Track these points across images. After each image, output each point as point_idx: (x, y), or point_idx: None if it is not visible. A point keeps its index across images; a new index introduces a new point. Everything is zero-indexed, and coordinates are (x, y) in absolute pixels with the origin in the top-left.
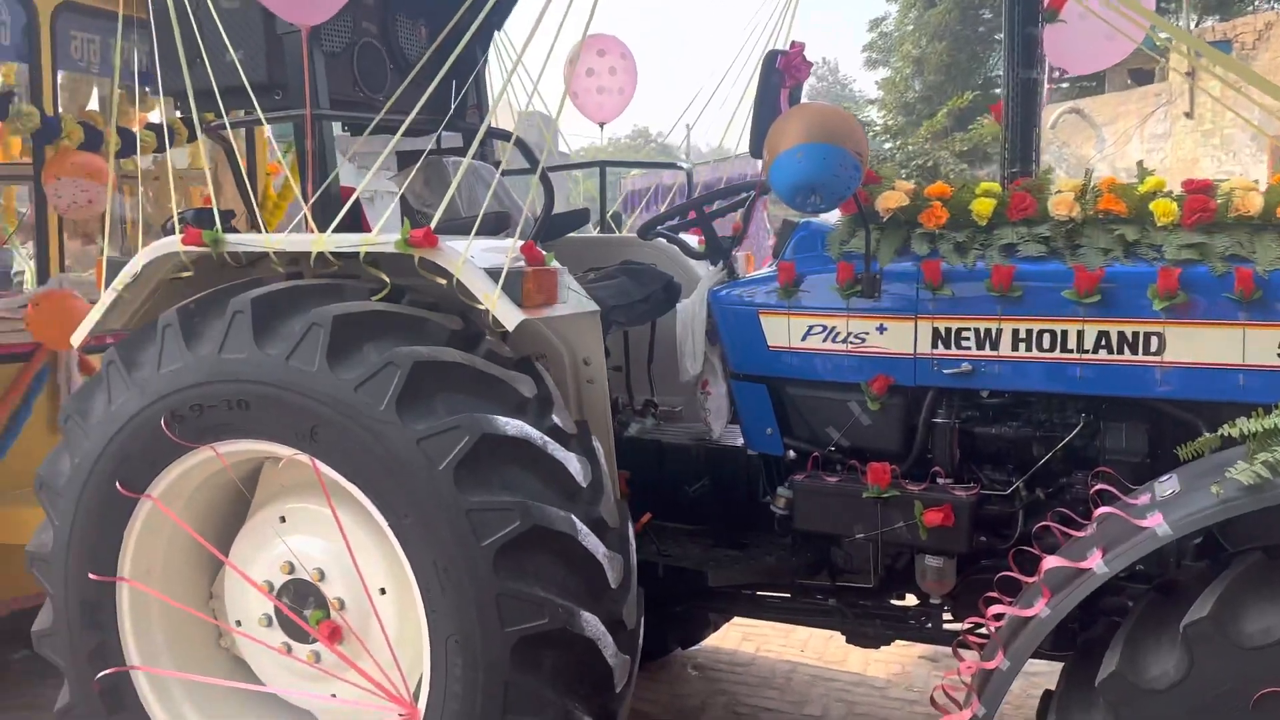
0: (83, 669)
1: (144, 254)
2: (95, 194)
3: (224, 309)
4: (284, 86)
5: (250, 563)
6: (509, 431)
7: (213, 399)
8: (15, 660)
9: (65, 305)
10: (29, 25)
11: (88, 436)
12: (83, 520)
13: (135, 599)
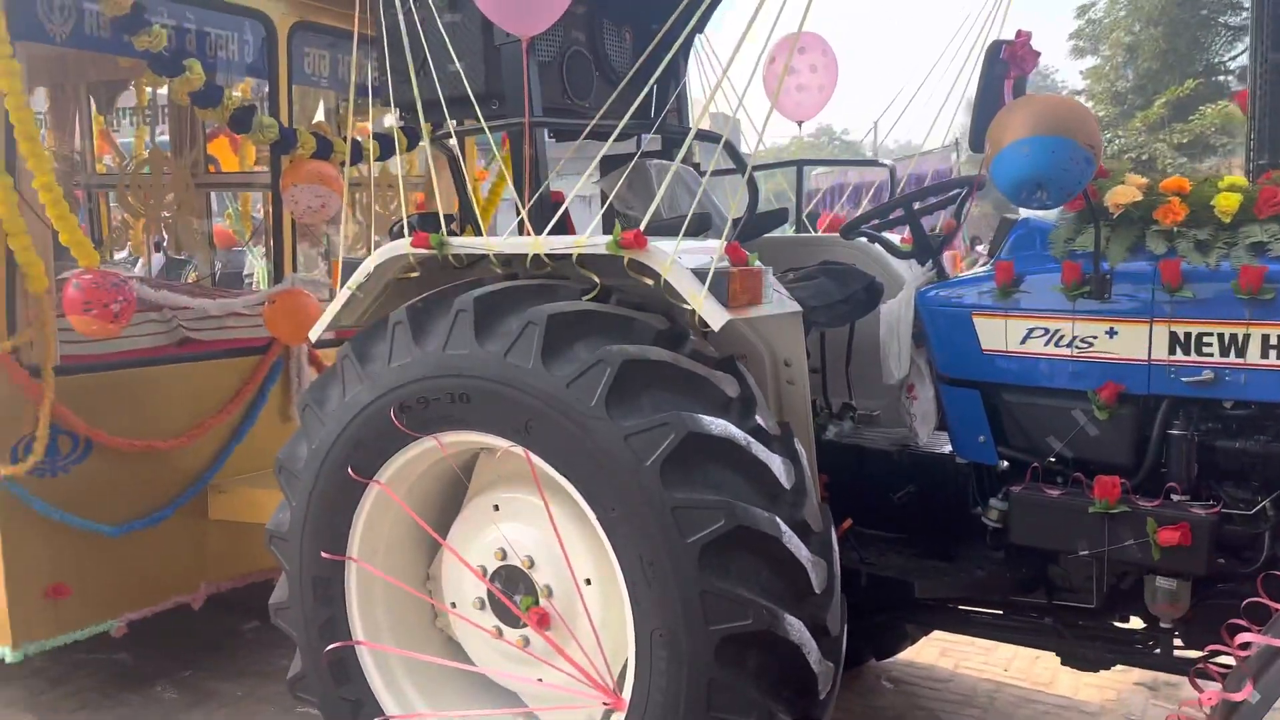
0: (313, 641)
1: (375, 256)
2: (327, 199)
3: (448, 308)
4: (500, 96)
5: (465, 547)
6: (714, 430)
7: (437, 392)
8: (247, 630)
9: (298, 303)
10: (268, 43)
11: (323, 424)
12: (317, 502)
13: (362, 577)
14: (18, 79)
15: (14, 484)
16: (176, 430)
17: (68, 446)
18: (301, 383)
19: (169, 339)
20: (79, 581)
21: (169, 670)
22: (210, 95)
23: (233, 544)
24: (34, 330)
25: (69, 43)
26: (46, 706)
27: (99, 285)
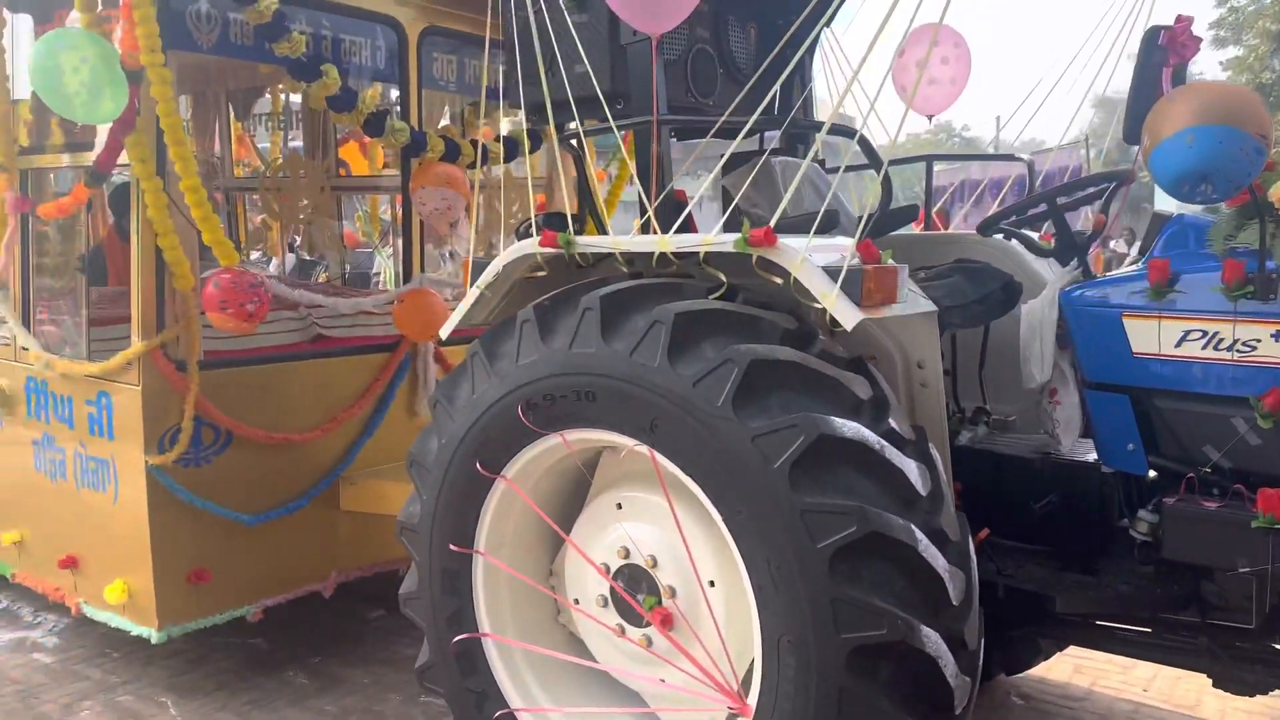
0: (441, 632)
1: (504, 255)
2: (454, 201)
3: (575, 306)
4: (626, 95)
5: (589, 545)
6: (846, 433)
7: (563, 390)
8: (374, 619)
9: (426, 302)
10: (399, 49)
11: (453, 420)
12: (446, 496)
13: (488, 571)
14: (169, 86)
15: (161, 472)
16: (310, 424)
17: (210, 437)
18: (428, 379)
19: (304, 336)
20: (219, 567)
21: (300, 655)
22: (345, 100)
23: (361, 534)
24: (180, 326)
25: (214, 50)
26: (186, 686)
27: (236, 285)
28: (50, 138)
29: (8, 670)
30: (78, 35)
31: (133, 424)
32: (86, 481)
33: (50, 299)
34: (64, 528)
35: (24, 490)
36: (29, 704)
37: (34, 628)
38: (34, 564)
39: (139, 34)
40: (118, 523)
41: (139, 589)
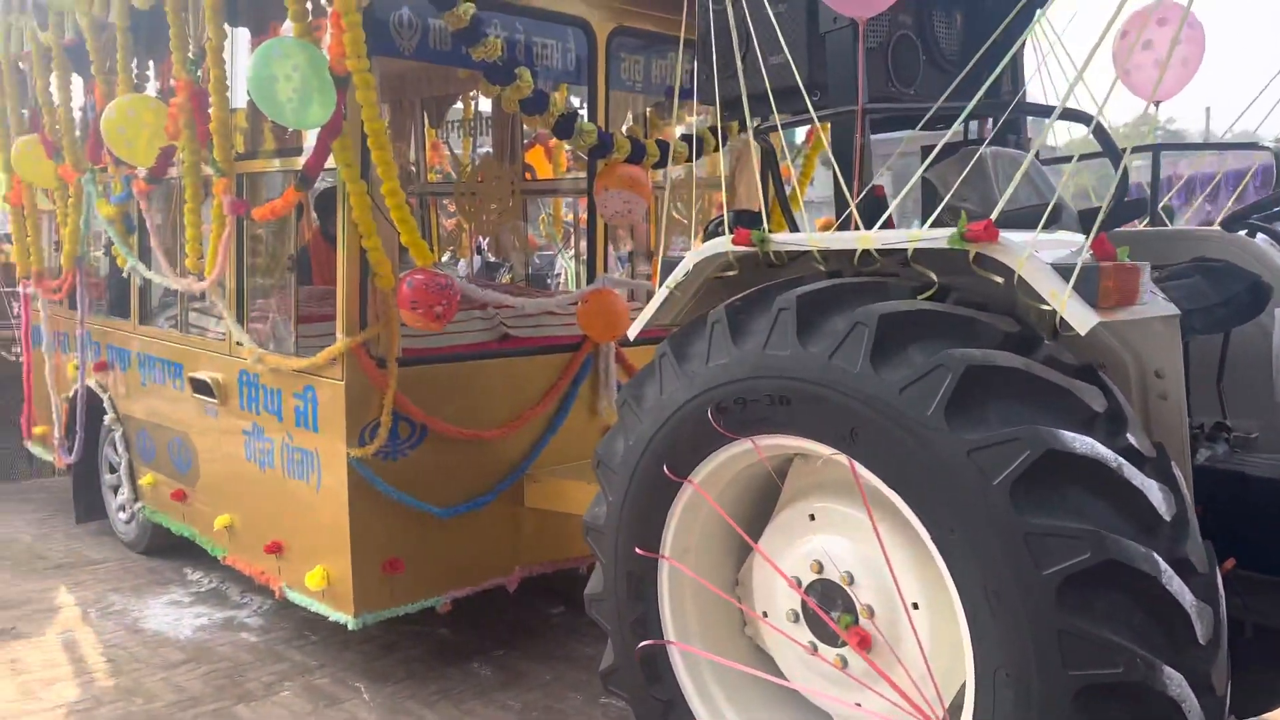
0: (626, 637)
1: (695, 254)
2: (634, 204)
3: (769, 306)
4: (823, 86)
5: (778, 556)
6: (1077, 449)
7: (755, 393)
8: (555, 615)
9: (609, 303)
10: (589, 50)
11: (640, 421)
12: (633, 498)
13: (673, 577)
14: (373, 91)
15: (361, 464)
16: (498, 421)
17: (406, 432)
18: (609, 380)
19: (491, 335)
20: (411, 558)
21: (485, 648)
22: (538, 103)
23: (544, 531)
24: (381, 325)
25: (414, 56)
26: (378, 673)
27: (427, 286)
28: (263, 144)
29: (217, 647)
30: (290, 44)
31: (336, 417)
32: (292, 471)
33: (262, 297)
34: (270, 514)
35: (236, 477)
36: (235, 681)
37: (241, 607)
38: (243, 548)
39: (346, 40)
40: (320, 512)
41: (337, 576)
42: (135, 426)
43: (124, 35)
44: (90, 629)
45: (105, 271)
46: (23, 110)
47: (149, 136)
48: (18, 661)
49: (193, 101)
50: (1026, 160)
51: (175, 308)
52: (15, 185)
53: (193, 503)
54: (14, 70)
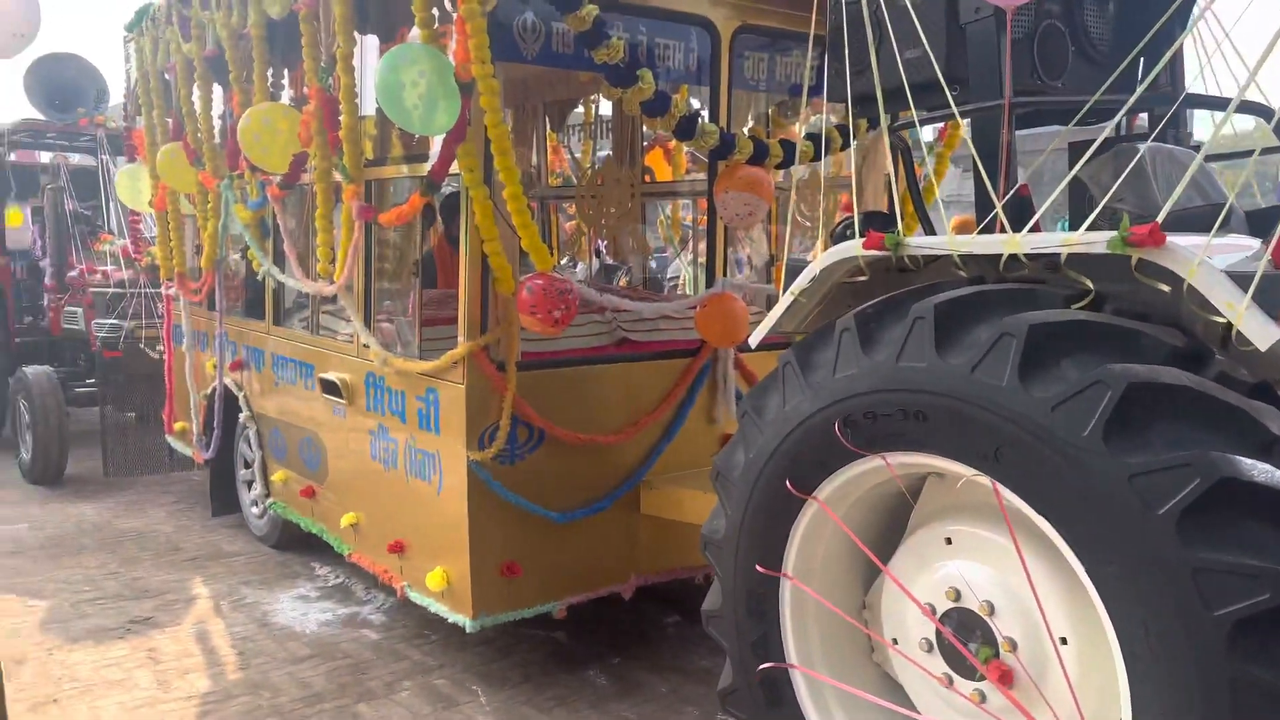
0: (745, 656)
1: (823, 258)
2: (755, 207)
3: (904, 315)
4: (962, 80)
5: (910, 580)
6: (1256, 477)
7: (887, 407)
8: (669, 624)
9: (728, 308)
10: (712, 50)
11: (762, 433)
12: (753, 513)
13: (796, 597)
14: (497, 96)
15: (480, 467)
16: (614, 426)
17: (524, 436)
18: (727, 386)
19: (609, 339)
20: (528, 563)
21: (600, 655)
22: (659, 104)
23: (659, 539)
24: (501, 329)
25: (537, 60)
26: (495, 676)
27: (546, 292)
28: (392, 150)
29: (341, 643)
30: (416, 50)
31: (457, 420)
32: (414, 472)
33: (388, 300)
34: (393, 514)
35: (361, 476)
36: (357, 678)
37: (365, 604)
38: (367, 546)
39: (471, 45)
40: (440, 513)
41: (457, 578)
42: (268, 424)
43: (259, 45)
44: (222, 621)
45: (242, 274)
46: (167, 119)
47: (283, 144)
48: (155, 651)
49: (324, 109)
50: (1198, 159)
51: (307, 310)
52: (160, 191)
53: (321, 500)
54: (160, 80)
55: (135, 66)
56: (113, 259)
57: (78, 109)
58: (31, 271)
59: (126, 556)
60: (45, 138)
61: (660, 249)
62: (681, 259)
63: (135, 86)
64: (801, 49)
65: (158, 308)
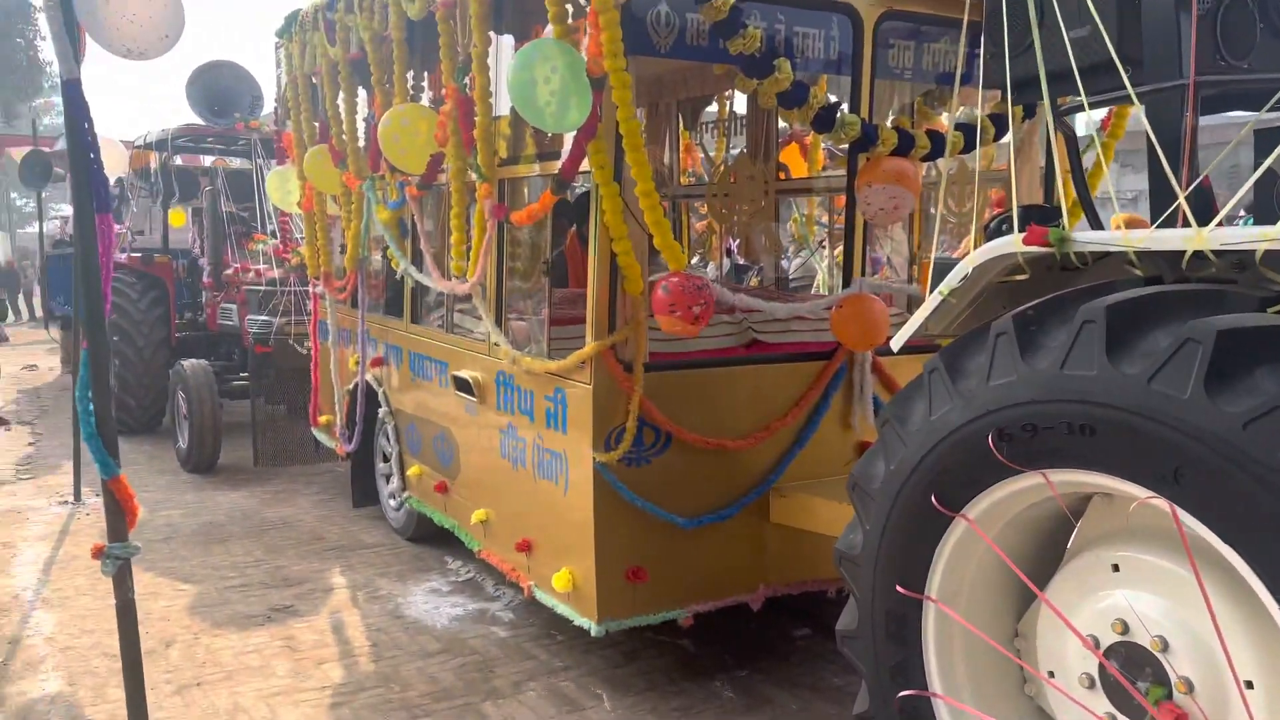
0: (883, 682)
1: (976, 255)
2: (901, 199)
3: (1069, 317)
4: (1136, 60)
5: (1071, 610)
6: None
7: (1050, 420)
8: (798, 637)
9: (867, 308)
10: (853, 38)
11: (905, 444)
12: (894, 529)
13: (940, 621)
14: (629, 91)
15: (606, 470)
16: (743, 430)
17: (651, 439)
18: (864, 392)
19: (739, 340)
20: (654, 568)
21: (726, 666)
22: (796, 95)
23: (790, 549)
24: (629, 329)
25: (671, 53)
26: (619, 681)
27: (684, 289)
28: (524, 150)
29: (469, 639)
30: (550, 45)
31: (583, 421)
32: (542, 471)
33: (519, 300)
34: (521, 513)
35: (491, 473)
36: (485, 675)
37: (494, 600)
38: (496, 543)
39: (603, 39)
40: (566, 514)
41: (582, 580)
42: (405, 420)
43: (400, 47)
44: (357, 612)
45: (383, 273)
46: (314, 122)
47: (421, 144)
48: (293, 639)
49: (459, 109)
50: None
51: (443, 309)
52: (308, 192)
53: (453, 495)
54: (308, 84)
55: (285, 71)
56: (265, 258)
57: (234, 114)
58: (191, 270)
59: (271, 545)
60: (205, 142)
61: (793, 248)
62: (816, 259)
63: (285, 91)
64: (949, 35)
65: (306, 305)
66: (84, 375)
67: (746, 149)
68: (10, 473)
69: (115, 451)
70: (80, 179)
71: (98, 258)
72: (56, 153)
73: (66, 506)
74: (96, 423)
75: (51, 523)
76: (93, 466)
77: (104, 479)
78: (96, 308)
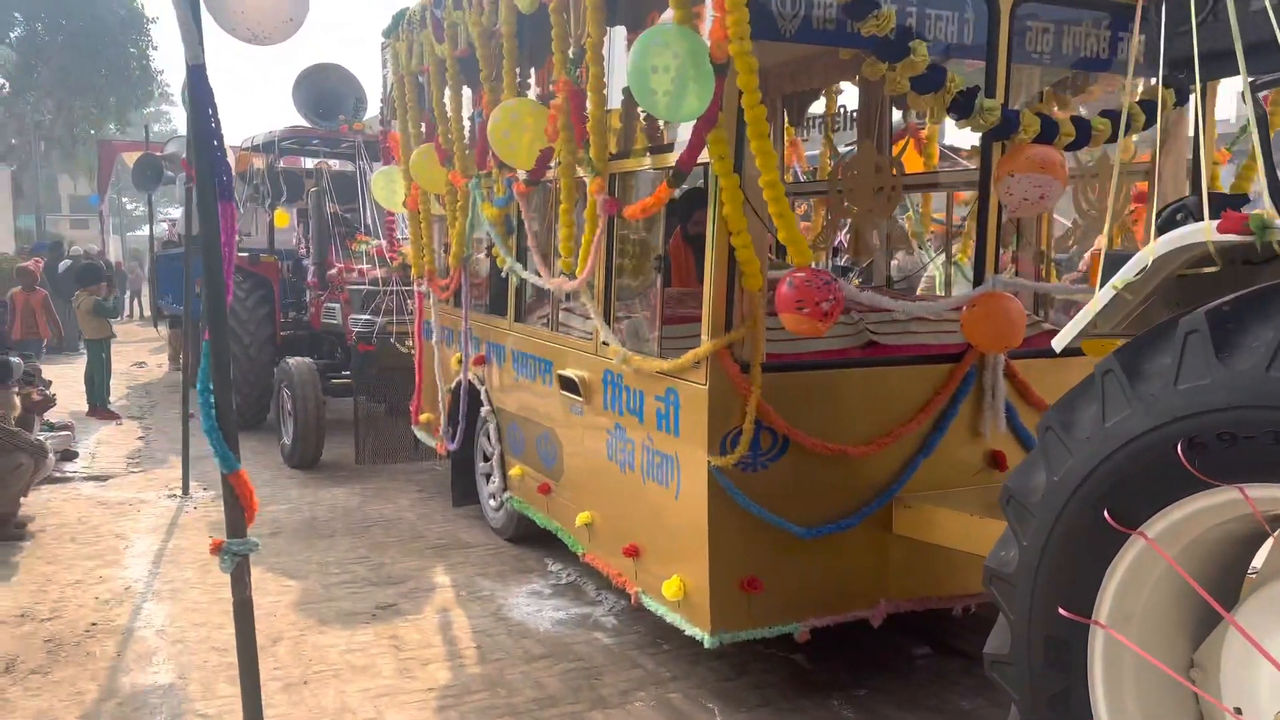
0: (1040, 711)
1: (1158, 245)
2: (1049, 189)
3: (1272, 313)
4: None
5: (1267, 640)
6: None
7: (1251, 428)
8: (919, 657)
9: (1002, 308)
10: (989, 19)
11: (1071, 453)
12: (1056, 546)
13: (1109, 648)
14: (755, 76)
15: (722, 474)
16: (864, 436)
17: (768, 443)
18: (995, 397)
19: (855, 341)
20: (771, 579)
21: (843, 684)
22: (933, 79)
23: (913, 563)
24: (747, 327)
25: (796, 38)
26: (731, 695)
27: (812, 284)
28: (634, 143)
29: (573, 645)
30: (670, 30)
31: (697, 423)
32: (652, 475)
33: (628, 297)
34: (629, 516)
35: (597, 475)
36: (591, 683)
37: (597, 605)
38: (601, 547)
39: (729, 22)
40: (678, 519)
41: (695, 589)
42: (507, 419)
43: (509, 41)
44: (462, 612)
45: (486, 271)
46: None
47: (530, 139)
48: (398, 639)
49: (571, 101)
50: None
51: (547, 307)
52: (414, 191)
53: (556, 497)
54: (414, 84)
55: (391, 71)
56: (369, 258)
57: (339, 116)
58: (296, 269)
59: (374, 542)
60: (310, 144)
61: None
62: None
63: (391, 90)
64: (1091, 16)
65: (408, 304)
66: (205, 366)
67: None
68: (121, 466)
69: (235, 445)
70: (204, 166)
71: (220, 247)
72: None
73: (175, 500)
74: (217, 415)
75: (161, 515)
76: (201, 460)
77: (224, 473)
78: (218, 297)
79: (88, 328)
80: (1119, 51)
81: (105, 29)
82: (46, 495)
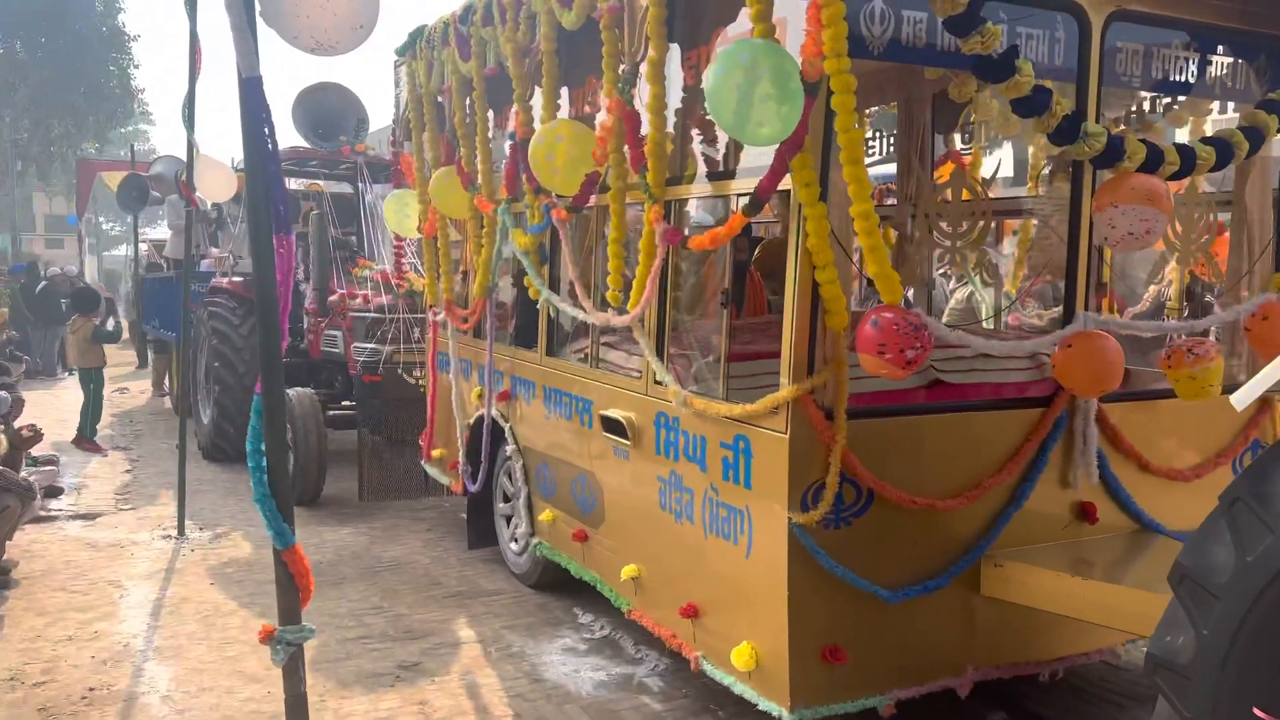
0: None
1: None
2: (1154, 223)
3: None
4: None
5: None
6: None
7: None
8: None
9: (1099, 348)
10: (1080, 40)
11: (1271, 530)
12: (1249, 638)
13: None
14: (852, 96)
15: (804, 533)
16: (950, 488)
17: (851, 497)
18: (1088, 444)
19: (920, 380)
20: (854, 647)
21: None
22: (1038, 102)
23: (1001, 627)
24: (830, 370)
25: (884, 55)
26: None
27: (899, 328)
28: (689, 169)
29: (620, 710)
30: (757, 46)
31: (776, 475)
32: (716, 529)
33: (685, 332)
34: (686, 573)
35: (646, 526)
36: None
37: (638, 663)
38: (651, 604)
39: (826, 37)
40: (749, 580)
41: (769, 658)
42: (535, 459)
43: (550, 59)
44: (492, 672)
45: (512, 301)
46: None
47: (575, 163)
48: (427, 705)
49: (626, 123)
50: None
51: (583, 341)
52: (431, 216)
53: (595, 546)
54: (434, 104)
55: (406, 90)
56: (372, 285)
57: (339, 137)
58: (293, 295)
59: (387, 589)
60: (309, 165)
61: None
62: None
63: (405, 111)
64: (1180, 39)
65: (414, 333)
66: (255, 425)
67: (897, 167)
68: (110, 502)
69: (290, 516)
70: (256, 192)
71: (274, 287)
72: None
73: (170, 541)
74: (270, 481)
75: (156, 560)
76: (196, 497)
77: (277, 549)
78: (274, 346)
79: (85, 356)
80: (1208, 75)
81: (86, 47)
82: (31, 535)
